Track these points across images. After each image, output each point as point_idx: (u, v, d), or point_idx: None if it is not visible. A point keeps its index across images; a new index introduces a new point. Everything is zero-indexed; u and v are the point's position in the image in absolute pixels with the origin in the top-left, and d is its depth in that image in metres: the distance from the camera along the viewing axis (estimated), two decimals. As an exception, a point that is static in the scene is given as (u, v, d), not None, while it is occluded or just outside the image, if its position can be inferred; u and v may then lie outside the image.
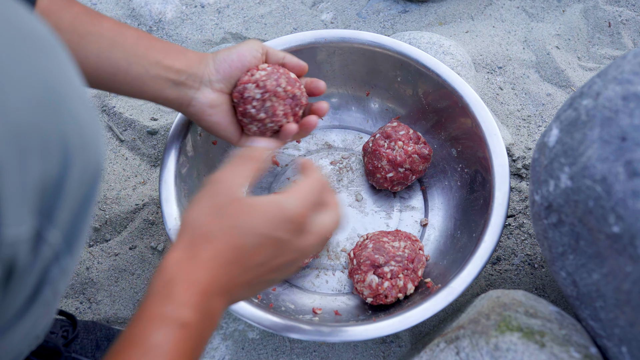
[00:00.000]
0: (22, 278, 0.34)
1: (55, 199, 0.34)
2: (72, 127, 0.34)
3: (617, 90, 0.51)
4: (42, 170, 0.32)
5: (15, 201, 0.31)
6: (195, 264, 0.43)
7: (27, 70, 0.32)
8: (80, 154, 0.35)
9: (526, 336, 0.56)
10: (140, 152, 0.87)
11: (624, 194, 0.48)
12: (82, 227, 0.37)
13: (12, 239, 0.31)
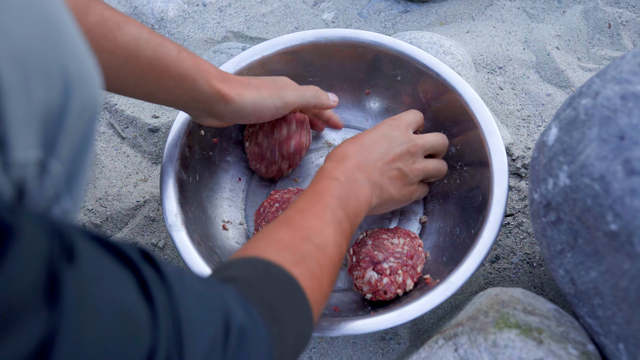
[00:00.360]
0: (29, 207, 0.34)
1: (57, 131, 0.34)
2: (71, 60, 0.34)
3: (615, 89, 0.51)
4: (45, 97, 0.32)
5: (22, 125, 0.31)
6: (343, 162, 0.64)
7: (26, 3, 0.32)
8: (80, 87, 0.35)
9: (524, 333, 0.57)
10: (142, 150, 0.87)
11: (622, 192, 0.48)
12: (81, 168, 0.38)
13: (21, 161, 0.32)
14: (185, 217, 0.69)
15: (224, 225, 0.77)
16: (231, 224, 0.78)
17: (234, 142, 0.82)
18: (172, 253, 0.79)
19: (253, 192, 0.81)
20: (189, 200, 0.72)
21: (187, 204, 0.72)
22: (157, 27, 0.99)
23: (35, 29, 0.33)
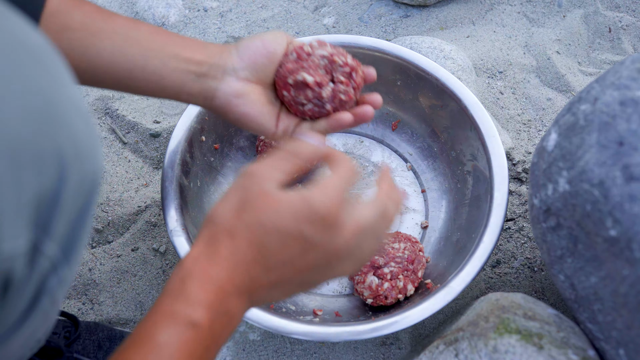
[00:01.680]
0: (19, 290, 0.34)
1: (52, 212, 0.34)
2: (67, 140, 0.34)
3: (614, 95, 0.52)
4: (37, 184, 0.32)
5: (11, 215, 0.31)
6: (213, 260, 0.41)
7: (22, 84, 0.32)
8: (76, 167, 0.35)
9: (524, 339, 0.57)
10: (143, 155, 0.87)
11: (621, 198, 0.48)
12: (79, 237, 0.37)
13: (8, 253, 0.31)
14: (186, 222, 0.70)
15: (225, 230, 0.77)
16: (232, 229, 0.78)
17: (235, 148, 0.82)
18: (174, 258, 0.80)
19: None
20: (190, 206, 0.73)
21: (188, 209, 0.72)
22: (159, 33, 0.99)
23: (31, 111, 0.32)
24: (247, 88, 0.59)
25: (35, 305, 0.36)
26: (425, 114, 0.81)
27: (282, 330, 0.63)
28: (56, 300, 0.38)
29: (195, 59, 0.58)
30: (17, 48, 0.32)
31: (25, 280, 0.34)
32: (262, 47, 0.60)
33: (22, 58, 0.32)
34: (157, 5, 1.01)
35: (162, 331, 0.39)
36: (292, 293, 0.45)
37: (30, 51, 0.33)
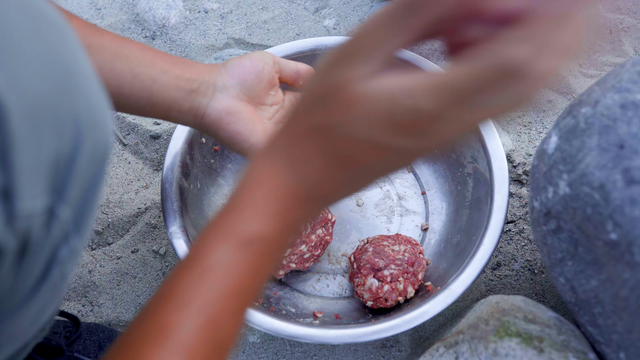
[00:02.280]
0: (35, 254, 0.34)
1: (67, 176, 0.34)
2: (83, 105, 0.35)
3: (615, 98, 0.51)
4: (55, 145, 0.33)
5: (30, 175, 0.31)
6: (279, 165, 0.35)
7: (41, 48, 0.33)
8: (91, 132, 0.35)
9: (525, 342, 0.56)
10: (143, 156, 0.87)
11: (622, 201, 0.48)
12: (90, 207, 0.38)
13: (27, 212, 0.32)
14: (186, 224, 0.70)
15: (225, 232, 0.77)
16: (232, 231, 0.78)
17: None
18: (174, 260, 0.80)
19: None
20: (190, 208, 0.73)
21: (188, 211, 0.72)
22: (159, 34, 0.99)
23: (50, 77, 0.33)
24: (238, 106, 0.59)
25: (47, 275, 0.37)
26: (426, 116, 0.81)
27: (282, 333, 0.63)
28: (65, 274, 0.39)
29: (185, 76, 0.58)
30: (37, 15, 0.33)
31: (41, 243, 0.34)
32: (250, 66, 0.60)
33: (42, 24, 0.33)
34: (158, 6, 1.01)
35: (214, 253, 0.35)
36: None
37: (49, 19, 0.34)
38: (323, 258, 0.77)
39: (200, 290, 0.34)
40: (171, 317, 0.34)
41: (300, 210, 0.35)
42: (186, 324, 0.34)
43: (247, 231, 0.34)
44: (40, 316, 0.41)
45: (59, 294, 0.42)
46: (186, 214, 0.71)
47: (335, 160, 0.34)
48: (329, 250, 0.77)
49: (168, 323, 0.34)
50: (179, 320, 0.34)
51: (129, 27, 1.00)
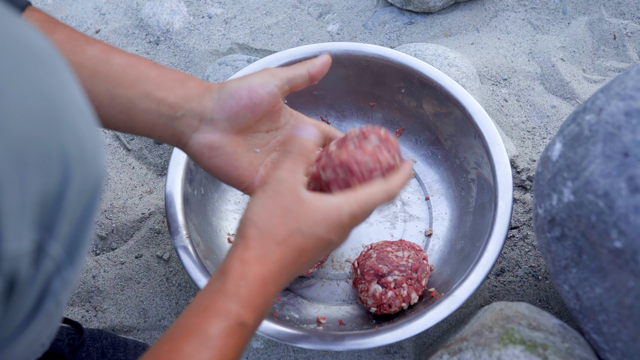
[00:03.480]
0: (24, 292, 0.34)
1: (56, 212, 0.34)
2: (71, 140, 0.34)
3: (619, 106, 0.51)
4: (42, 184, 0.32)
5: (16, 216, 0.31)
6: (263, 266, 0.47)
7: (27, 84, 0.32)
8: (80, 167, 0.35)
9: (529, 349, 0.56)
10: (147, 162, 0.88)
11: (626, 209, 0.48)
12: (83, 238, 0.38)
13: (13, 254, 0.32)
14: (190, 230, 0.70)
15: (229, 238, 0.77)
16: (236, 237, 0.78)
17: (238, 155, 0.82)
18: (177, 266, 0.80)
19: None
20: (194, 213, 0.73)
21: (192, 216, 0.72)
22: (163, 39, 0.99)
23: (34, 116, 0.32)
24: (223, 140, 0.56)
25: (40, 307, 0.36)
26: (430, 121, 0.81)
27: (286, 339, 0.63)
28: (60, 302, 0.39)
29: (168, 101, 0.54)
30: (22, 50, 0.33)
31: (30, 281, 0.34)
32: (247, 98, 0.55)
33: (27, 59, 0.33)
34: (162, 12, 1.01)
35: (214, 326, 0.44)
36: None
37: (35, 53, 0.34)
38: (327, 264, 0.77)
39: (200, 356, 0.43)
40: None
41: (272, 299, 0.48)
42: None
43: (241, 316, 0.45)
44: (36, 341, 0.41)
45: (55, 320, 0.41)
46: (190, 220, 0.71)
47: (301, 254, 0.49)
48: (332, 256, 0.77)
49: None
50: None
51: (133, 32, 1.00)
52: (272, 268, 0.47)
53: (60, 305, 0.39)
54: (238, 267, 0.46)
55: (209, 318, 0.44)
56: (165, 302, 0.77)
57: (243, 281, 0.46)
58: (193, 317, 0.45)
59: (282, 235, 0.48)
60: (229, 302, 0.45)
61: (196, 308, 0.45)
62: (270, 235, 0.48)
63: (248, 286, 0.46)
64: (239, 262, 0.46)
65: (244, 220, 0.49)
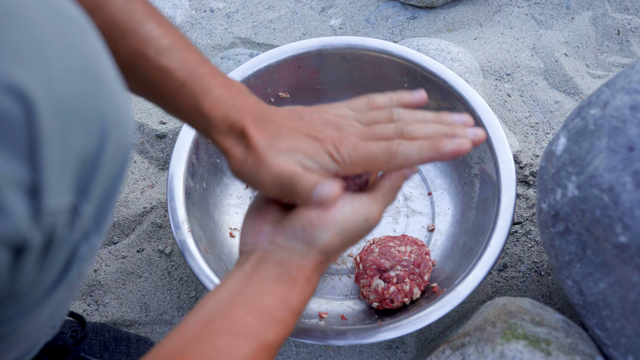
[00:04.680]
0: (58, 251, 0.35)
1: (92, 175, 0.35)
2: (108, 104, 0.35)
3: (625, 100, 0.51)
4: (82, 144, 0.33)
5: (58, 173, 0.32)
6: (303, 286, 0.47)
7: (68, 48, 0.33)
8: (115, 131, 0.36)
9: (532, 344, 0.56)
10: (149, 156, 0.87)
11: (631, 203, 0.48)
12: (110, 206, 0.38)
13: (53, 209, 0.32)
14: (192, 224, 0.69)
15: (230, 232, 0.77)
16: (238, 231, 0.78)
17: (240, 149, 0.82)
18: (179, 260, 0.80)
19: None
20: (196, 207, 0.73)
21: (194, 211, 0.72)
22: (165, 33, 0.99)
23: (77, 77, 0.33)
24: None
25: (67, 272, 0.37)
26: (432, 116, 0.81)
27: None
28: (83, 272, 0.39)
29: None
30: (63, 16, 0.34)
31: (64, 240, 0.35)
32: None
33: (68, 25, 0.34)
34: (164, 5, 1.01)
35: (246, 346, 0.43)
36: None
37: (74, 20, 0.35)
38: (329, 258, 0.77)
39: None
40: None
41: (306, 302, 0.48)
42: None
43: (269, 337, 0.44)
44: (56, 314, 0.41)
45: (74, 292, 0.42)
46: (192, 214, 0.71)
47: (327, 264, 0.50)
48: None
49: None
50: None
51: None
52: (306, 293, 0.48)
53: (81, 276, 0.40)
54: (277, 293, 0.47)
55: (242, 337, 0.44)
56: (167, 297, 0.77)
57: (275, 310, 0.46)
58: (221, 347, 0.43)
59: (318, 268, 0.49)
60: (267, 327, 0.45)
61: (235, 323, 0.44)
62: (305, 272, 0.49)
63: (281, 311, 0.46)
64: (280, 290, 0.47)
65: (285, 260, 0.48)
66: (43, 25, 0.32)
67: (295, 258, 0.46)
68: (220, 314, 0.43)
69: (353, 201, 0.48)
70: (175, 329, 0.43)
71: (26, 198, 0.31)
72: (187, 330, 0.43)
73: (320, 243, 0.46)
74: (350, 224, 0.47)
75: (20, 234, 0.31)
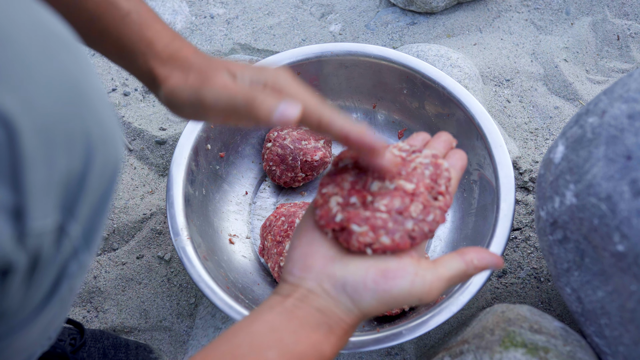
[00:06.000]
0: (45, 271, 0.35)
1: (78, 193, 0.35)
2: (94, 123, 0.35)
3: (622, 108, 0.51)
4: (67, 164, 0.33)
5: (42, 194, 0.32)
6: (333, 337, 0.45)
7: (53, 68, 0.33)
8: (102, 150, 0.35)
9: (530, 352, 0.56)
10: (149, 162, 0.88)
11: (629, 212, 0.48)
12: (100, 223, 0.38)
13: (38, 231, 0.32)
14: (192, 231, 0.70)
15: (230, 239, 0.77)
16: (237, 238, 0.78)
17: (240, 156, 0.82)
18: (178, 266, 0.80)
19: (259, 205, 0.82)
20: (195, 214, 0.73)
21: (193, 217, 0.72)
22: (165, 39, 0.99)
23: (61, 96, 0.33)
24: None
25: (56, 290, 0.37)
26: (432, 122, 0.81)
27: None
28: (74, 288, 0.39)
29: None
30: (48, 34, 0.34)
31: (50, 260, 0.35)
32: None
33: (53, 43, 0.34)
34: (164, 12, 1.01)
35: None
36: None
37: (59, 38, 0.34)
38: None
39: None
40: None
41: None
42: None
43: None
44: (48, 329, 0.41)
45: (67, 307, 0.42)
46: (191, 221, 0.71)
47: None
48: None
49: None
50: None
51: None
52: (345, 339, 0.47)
53: (73, 292, 0.40)
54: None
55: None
56: (167, 303, 0.77)
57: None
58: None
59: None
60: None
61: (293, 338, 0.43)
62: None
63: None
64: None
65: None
66: (28, 46, 0.32)
67: (338, 311, 0.44)
68: (251, 351, 0.41)
69: (416, 276, 0.43)
70: (202, 353, 0.42)
71: (10, 221, 0.31)
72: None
73: (366, 307, 0.44)
74: (403, 300, 0.44)
75: (4, 257, 0.31)
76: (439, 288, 0.44)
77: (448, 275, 0.45)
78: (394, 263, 0.44)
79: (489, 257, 0.46)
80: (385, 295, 0.43)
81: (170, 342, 0.75)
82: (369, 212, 0.45)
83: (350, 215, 0.45)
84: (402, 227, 0.44)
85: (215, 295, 0.64)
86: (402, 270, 0.43)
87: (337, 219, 0.45)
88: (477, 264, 0.46)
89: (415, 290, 0.43)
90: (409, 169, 0.47)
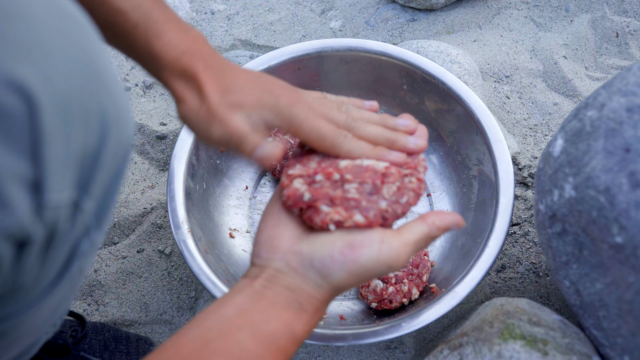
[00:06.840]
0: (60, 246, 0.35)
1: (92, 170, 0.35)
2: (109, 101, 0.36)
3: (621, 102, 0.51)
4: (83, 140, 0.34)
5: (59, 168, 0.32)
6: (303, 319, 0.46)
7: (70, 46, 0.34)
8: (116, 128, 0.36)
9: (529, 344, 0.56)
10: (149, 157, 0.88)
11: (627, 204, 0.48)
12: (111, 203, 0.39)
13: (55, 204, 0.33)
14: (192, 224, 0.70)
15: (230, 233, 0.77)
16: (238, 232, 0.78)
17: (240, 150, 0.82)
18: (179, 260, 0.80)
19: (259, 200, 0.82)
20: (195, 208, 0.73)
21: (193, 211, 0.72)
22: (166, 35, 0.99)
23: (79, 74, 0.34)
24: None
25: (68, 268, 0.37)
26: (431, 118, 0.81)
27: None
28: (83, 268, 0.40)
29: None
30: (64, 14, 0.34)
31: (65, 235, 0.35)
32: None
33: (69, 24, 0.34)
34: (165, 7, 1.01)
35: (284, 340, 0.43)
36: None
37: (76, 19, 0.35)
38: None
39: None
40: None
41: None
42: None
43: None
44: (57, 310, 0.41)
45: (75, 289, 0.42)
46: (192, 214, 0.71)
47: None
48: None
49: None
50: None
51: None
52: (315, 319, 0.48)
53: (82, 273, 0.40)
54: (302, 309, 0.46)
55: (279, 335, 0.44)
56: (167, 297, 0.77)
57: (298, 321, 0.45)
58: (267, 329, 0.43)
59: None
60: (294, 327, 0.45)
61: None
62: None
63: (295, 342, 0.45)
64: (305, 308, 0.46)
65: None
66: (45, 24, 0.33)
67: (307, 287, 0.44)
68: (221, 334, 0.41)
69: (382, 244, 0.44)
70: (173, 339, 0.42)
71: (29, 193, 0.31)
72: (184, 345, 0.41)
73: (336, 281, 0.44)
74: (372, 269, 0.44)
75: (23, 228, 0.31)
76: (406, 253, 0.45)
77: (413, 239, 0.45)
78: (358, 235, 0.44)
79: (450, 217, 0.47)
80: (354, 266, 0.43)
81: (171, 335, 0.75)
82: (340, 190, 0.45)
83: (318, 194, 0.45)
84: (376, 206, 0.45)
85: (216, 288, 0.65)
86: (368, 240, 0.44)
87: (305, 198, 0.45)
88: (439, 224, 0.46)
89: (382, 257, 0.44)
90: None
